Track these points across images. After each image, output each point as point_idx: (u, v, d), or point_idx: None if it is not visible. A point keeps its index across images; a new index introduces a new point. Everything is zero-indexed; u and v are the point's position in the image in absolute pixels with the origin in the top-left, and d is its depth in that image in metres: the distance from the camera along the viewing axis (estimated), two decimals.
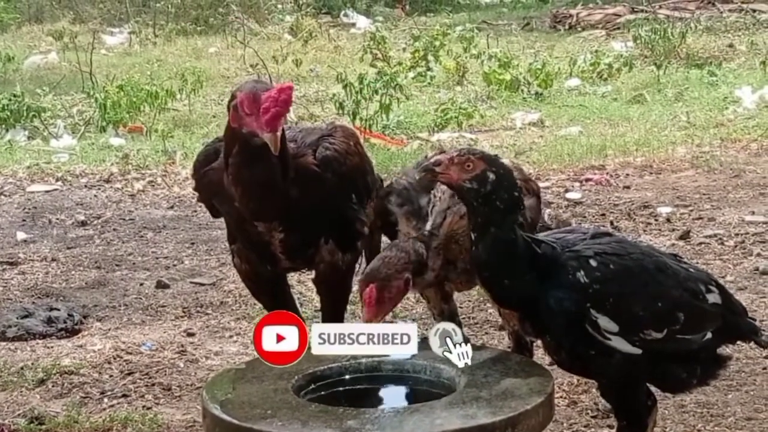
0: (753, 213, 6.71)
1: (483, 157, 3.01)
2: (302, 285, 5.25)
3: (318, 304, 4.39)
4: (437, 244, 3.29)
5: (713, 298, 3.15)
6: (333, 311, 3.74)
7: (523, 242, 3.00)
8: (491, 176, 2.98)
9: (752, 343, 3.46)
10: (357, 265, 3.78)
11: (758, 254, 5.90)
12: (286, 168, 3.41)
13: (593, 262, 3.01)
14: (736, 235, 6.27)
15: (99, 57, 13.12)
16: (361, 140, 3.92)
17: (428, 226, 3.30)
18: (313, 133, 3.63)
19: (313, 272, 3.73)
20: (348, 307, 3.96)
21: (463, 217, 3.23)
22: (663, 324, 3.03)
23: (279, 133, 3.26)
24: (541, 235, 3.17)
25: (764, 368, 4.43)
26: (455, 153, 3.02)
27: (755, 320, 3.38)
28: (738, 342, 3.41)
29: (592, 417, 4.04)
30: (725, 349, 3.27)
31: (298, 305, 3.89)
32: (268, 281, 3.76)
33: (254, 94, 3.27)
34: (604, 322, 2.98)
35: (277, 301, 3.74)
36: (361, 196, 3.66)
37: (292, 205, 3.44)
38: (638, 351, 3.02)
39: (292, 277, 4.57)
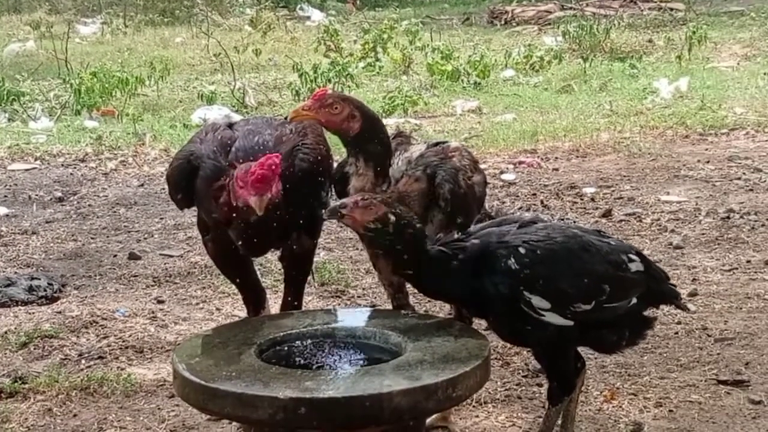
0: (668, 193, 6.81)
1: (383, 201, 3.11)
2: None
3: (279, 276, 4.41)
4: (389, 196, 3.32)
5: (635, 266, 3.22)
6: (298, 284, 3.76)
7: (443, 253, 3.09)
8: (392, 218, 3.08)
9: (672, 307, 3.54)
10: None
11: (672, 230, 6.00)
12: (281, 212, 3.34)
13: (522, 250, 3.09)
14: (653, 213, 6.36)
15: (74, 45, 12.95)
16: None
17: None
18: (288, 142, 3.52)
19: (280, 252, 3.72)
20: None
21: (417, 181, 3.35)
22: (590, 297, 3.11)
23: (266, 198, 3.19)
24: (474, 228, 3.24)
25: (676, 333, 4.52)
26: (359, 197, 3.11)
27: (676, 285, 3.45)
28: (661, 305, 3.49)
29: (523, 376, 4.11)
30: (650, 312, 3.34)
31: (258, 276, 3.90)
32: (235, 260, 3.71)
33: (246, 169, 3.24)
34: (537, 300, 3.06)
35: (241, 275, 3.75)
36: (326, 188, 3.62)
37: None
38: (570, 323, 3.09)
39: None
